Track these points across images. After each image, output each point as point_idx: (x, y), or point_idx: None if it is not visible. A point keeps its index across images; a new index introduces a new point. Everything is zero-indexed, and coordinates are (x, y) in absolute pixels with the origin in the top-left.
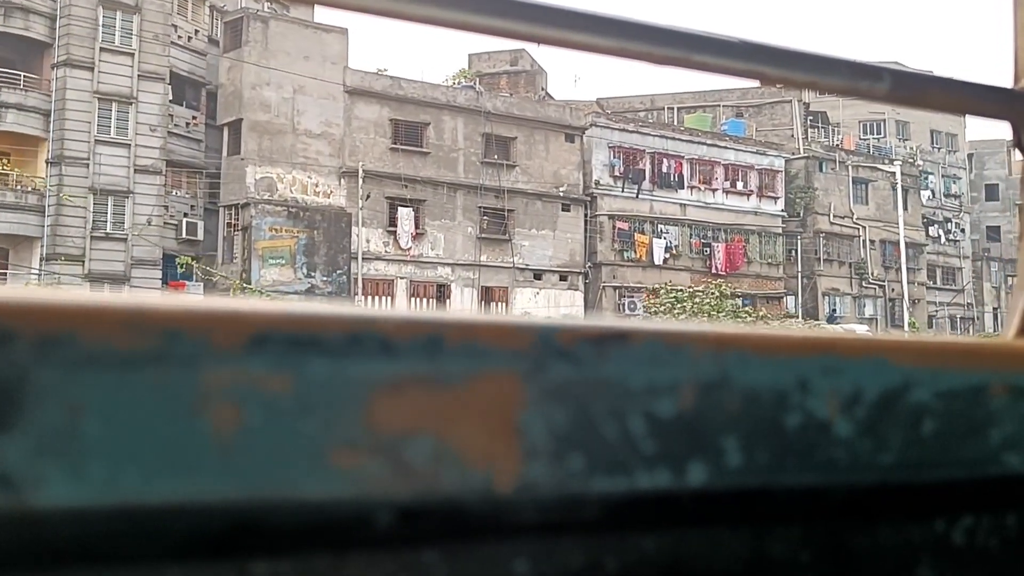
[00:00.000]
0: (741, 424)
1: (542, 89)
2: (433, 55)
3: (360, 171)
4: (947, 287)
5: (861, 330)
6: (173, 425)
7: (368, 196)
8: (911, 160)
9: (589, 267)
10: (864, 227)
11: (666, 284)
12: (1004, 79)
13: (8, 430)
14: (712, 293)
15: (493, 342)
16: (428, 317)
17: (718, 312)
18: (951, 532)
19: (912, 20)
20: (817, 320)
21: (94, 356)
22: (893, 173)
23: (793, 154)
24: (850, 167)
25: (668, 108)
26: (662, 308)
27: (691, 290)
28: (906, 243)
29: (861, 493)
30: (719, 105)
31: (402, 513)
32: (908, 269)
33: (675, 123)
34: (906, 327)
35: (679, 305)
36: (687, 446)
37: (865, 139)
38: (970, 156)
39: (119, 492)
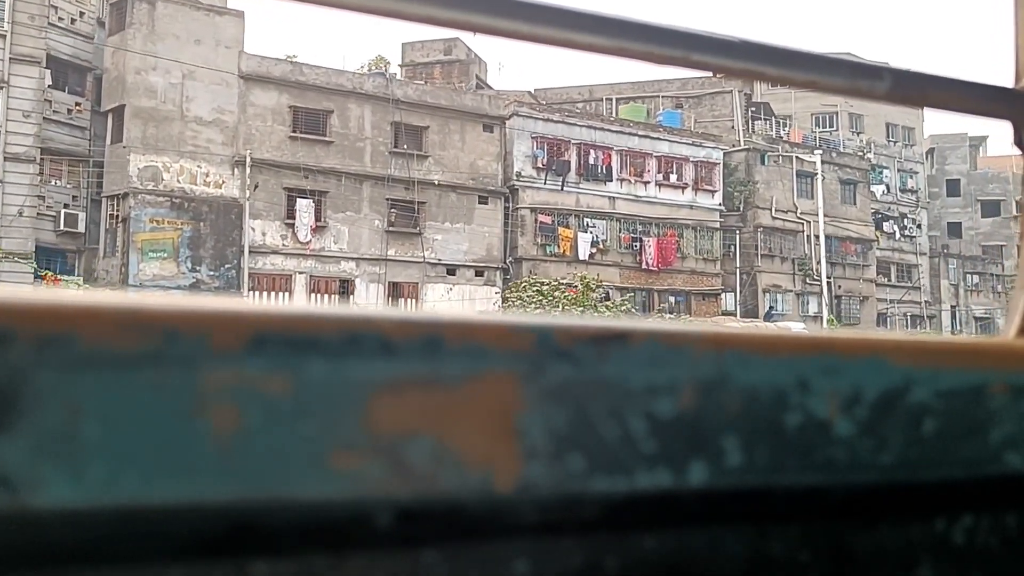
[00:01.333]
0: (741, 424)
1: (476, 77)
2: (367, 45)
3: (248, 159)
4: (903, 284)
5: (798, 327)
6: (172, 426)
7: (256, 186)
8: (860, 153)
9: (510, 262)
10: (809, 222)
11: (579, 279)
12: (1005, 79)
13: (7, 431)
14: (576, 286)
15: (492, 342)
16: (427, 318)
17: (585, 306)
18: (951, 532)
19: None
20: (756, 318)
21: (93, 357)
22: (837, 166)
23: (733, 146)
24: (794, 159)
25: (607, 99)
26: (526, 301)
27: (555, 282)
28: (854, 238)
29: (861, 493)
30: (658, 96)
31: (401, 514)
32: (856, 265)
33: (614, 114)
34: (824, 324)
35: (543, 298)
36: (687, 446)
37: (817, 131)
38: (931, 151)
39: (118, 493)
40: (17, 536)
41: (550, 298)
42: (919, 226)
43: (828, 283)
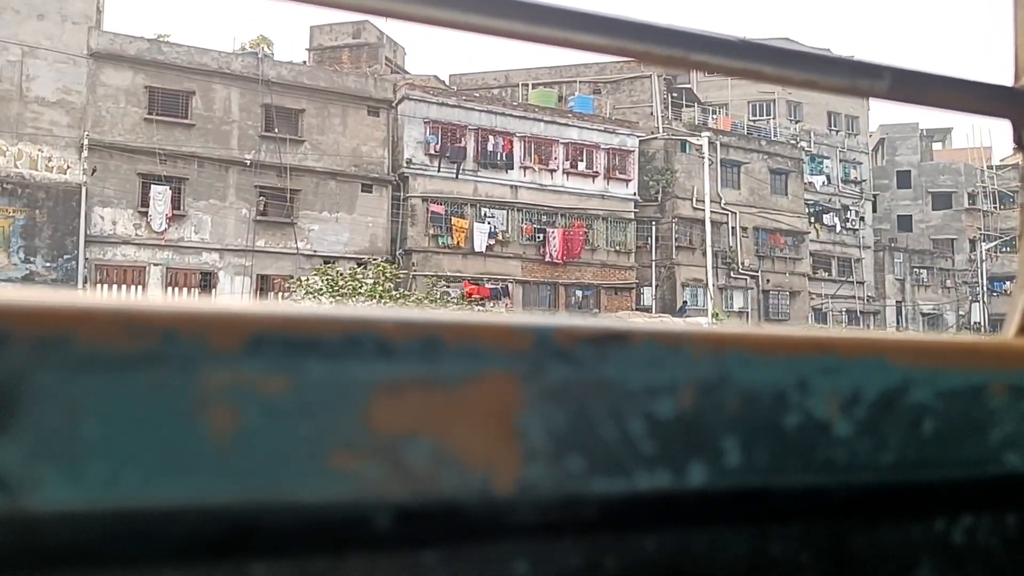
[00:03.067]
0: (741, 424)
1: (390, 62)
2: (278, 30)
3: (85, 141)
4: (845, 280)
5: (704, 322)
6: (171, 427)
7: (95, 170)
8: (792, 142)
9: (400, 254)
10: (734, 213)
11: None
12: (1005, 77)
13: (5, 433)
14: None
15: (492, 343)
16: (426, 318)
17: (380, 296)
18: (951, 531)
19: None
20: (674, 313)
21: (91, 358)
22: (767, 155)
23: (652, 133)
24: (719, 147)
25: (523, 84)
26: (312, 292)
27: (352, 271)
28: (784, 230)
29: (861, 493)
30: (575, 81)
31: (401, 515)
32: (787, 259)
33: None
34: (709, 318)
35: (336, 288)
36: (687, 446)
37: (754, 120)
38: (882, 141)
39: (117, 494)
40: (15, 538)
41: (340, 287)
42: (862, 218)
43: (755, 277)
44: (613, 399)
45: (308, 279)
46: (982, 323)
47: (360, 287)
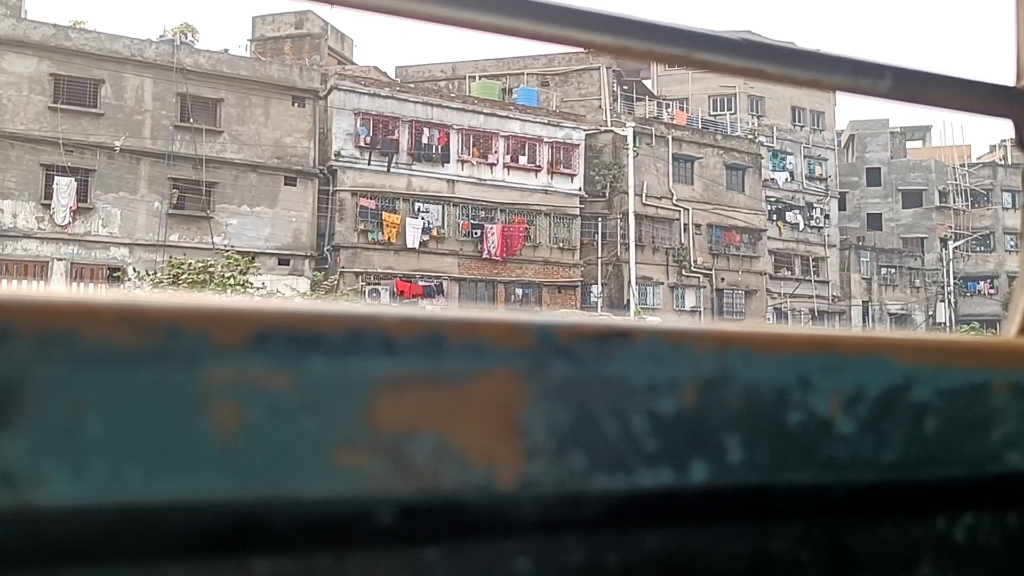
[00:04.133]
0: (743, 422)
1: (334, 53)
2: (223, 22)
3: None
4: (804, 278)
5: (654, 321)
6: (174, 423)
7: None
8: (750, 136)
9: (328, 250)
10: (687, 209)
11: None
12: (1006, 77)
13: (10, 428)
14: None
15: (494, 340)
16: (429, 315)
17: (231, 288)
18: (952, 530)
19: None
20: (623, 312)
21: (95, 354)
22: (723, 150)
23: (600, 126)
24: (670, 141)
25: (469, 76)
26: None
27: (203, 263)
28: (742, 228)
29: (863, 491)
30: (523, 73)
31: (403, 511)
32: (743, 257)
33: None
34: (632, 314)
35: (177, 281)
36: (689, 444)
37: (716, 115)
38: (851, 137)
39: (120, 490)
40: (19, 533)
41: (184, 280)
42: (827, 216)
43: (708, 275)
44: (615, 396)
45: (139, 272)
46: (946, 323)
47: (209, 280)
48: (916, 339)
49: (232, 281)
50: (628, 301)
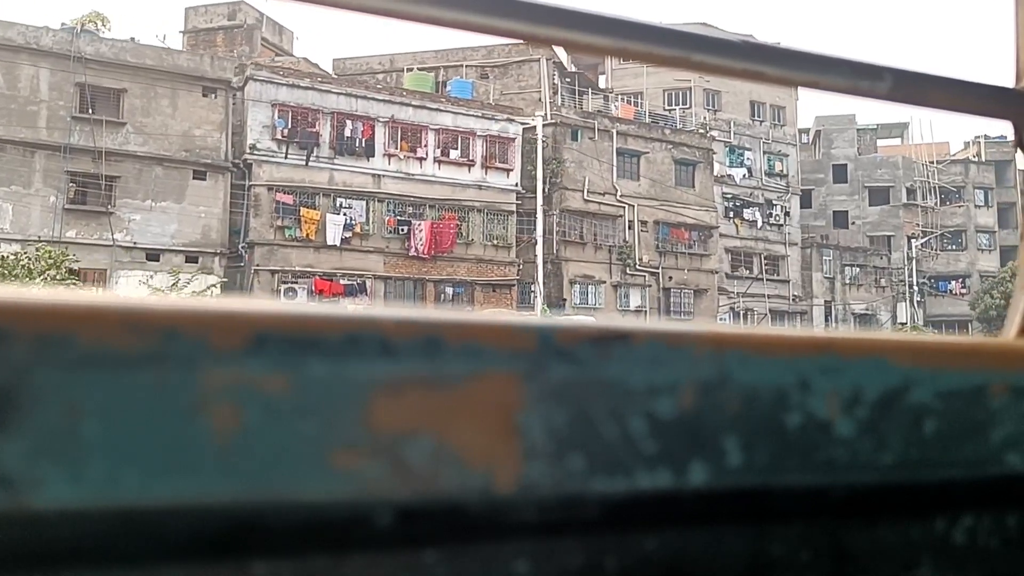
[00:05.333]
0: (741, 424)
1: (269, 44)
2: (155, 14)
3: None
4: (756, 276)
5: (587, 320)
6: (172, 426)
7: None
8: (702, 131)
9: (243, 247)
10: (632, 205)
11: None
12: (1005, 79)
13: (7, 431)
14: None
15: (493, 342)
16: (427, 317)
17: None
18: (952, 531)
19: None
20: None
21: (93, 357)
22: (672, 145)
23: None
24: (615, 136)
25: (407, 68)
26: None
27: (15, 255)
28: (691, 224)
29: (862, 493)
30: (462, 65)
31: (402, 514)
32: (692, 255)
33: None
34: (538, 311)
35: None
36: (687, 446)
37: (670, 109)
38: (818, 133)
39: (118, 493)
40: (17, 536)
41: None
42: (787, 214)
43: (655, 274)
44: (614, 398)
45: None
46: (909, 324)
47: (14, 271)
48: (915, 341)
49: (46, 276)
50: (563, 301)
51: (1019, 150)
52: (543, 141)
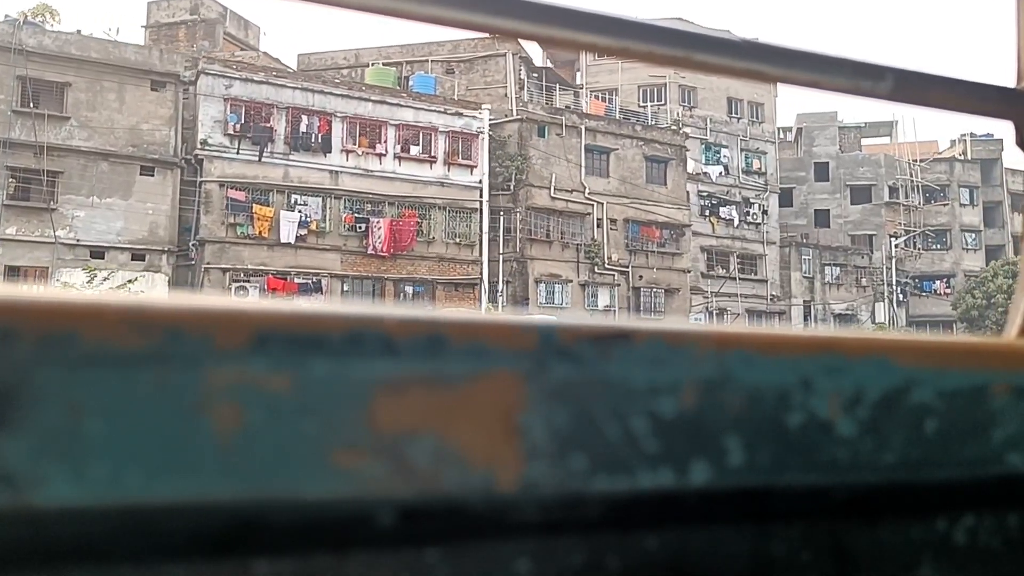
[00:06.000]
0: (743, 423)
1: (231, 39)
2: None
3: None
4: (728, 276)
5: (546, 320)
6: (175, 425)
7: None
8: (674, 127)
9: (194, 244)
10: (601, 203)
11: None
12: (1007, 79)
13: (10, 429)
14: None
15: (495, 342)
16: (430, 317)
17: None
18: (953, 532)
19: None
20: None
21: (96, 355)
22: (643, 142)
23: (506, 116)
24: (583, 132)
25: (372, 63)
26: None
27: None
28: (662, 223)
29: (863, 493)
30: (427, 60)
31: (404, 512)
32: (663, 254)
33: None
34: (484, 307)
35: None
36: (689, 445)
37: (644, 106)
38: (799, 131)
39: (121, 491)
40: (20, 534)
41: None
42: (765, 212)
43: (625, 273)
44: (616, 398)
45: None
46: (888, 324)
47: None
48: (917, 341)
49: None
50: (524, 300)
51: (1021, 149)
52: (508, 137)
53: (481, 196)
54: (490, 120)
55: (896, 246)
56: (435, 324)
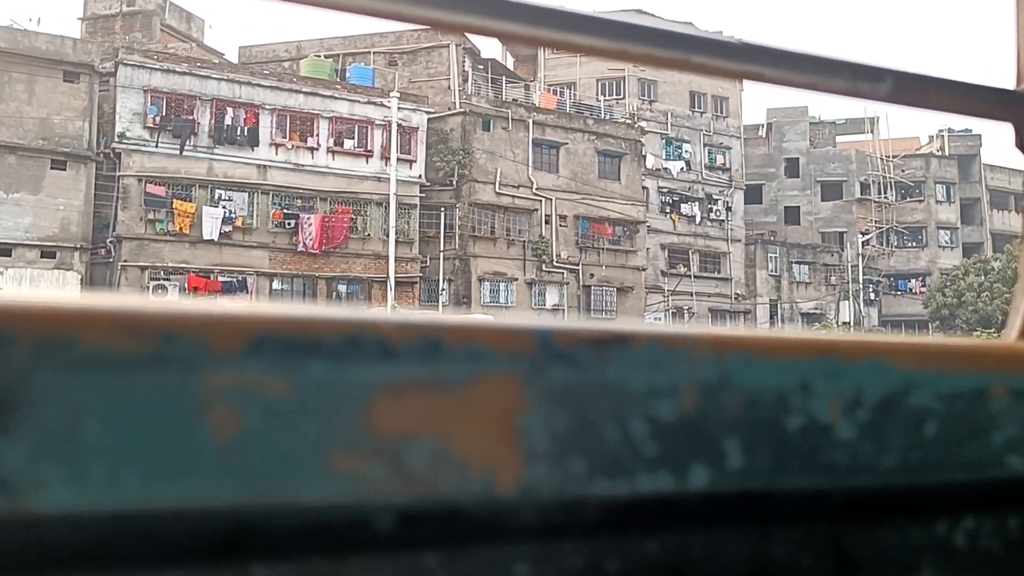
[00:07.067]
0: (742, 427)
1: (170, 32)
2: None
3: None
4: (683, 274)
5: (485, 319)
6: (173, 429)
7: None
8: (629, 121)
9: (111, 241)
10: (549, 199)
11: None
12: (1006, 81)
13: (7, 434)
14: None
15: (493, 345)
16: (428, 320)
17: None
18: (953, 534)
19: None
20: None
21: (93, 360)
22: (595, 136)
23: (449, 109)
24: (531, 126)
25: (315, 55)
26: None
27: None
28: (616, 219)
29: (863, 495)
30: (370, 52)
31: (402, 517)
32: (616, 251)
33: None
34: (390, 306)
35: None
36: (688, 449)
37: (604, 99)
38: (769, 126)
39: (119, 496)
40: (17, 539)
41: None
42: (730, 209)
43: (575, 270)
44: (615, 401)
45: None
46: (852, 324)
47: None
48: (916, 343)
49: None
50: (463, 298)
51: (1021, 151)
52: (451, 131)
53: (391, 190)
54: (433, 113)
55: (864, 243)
56: (433, 328)
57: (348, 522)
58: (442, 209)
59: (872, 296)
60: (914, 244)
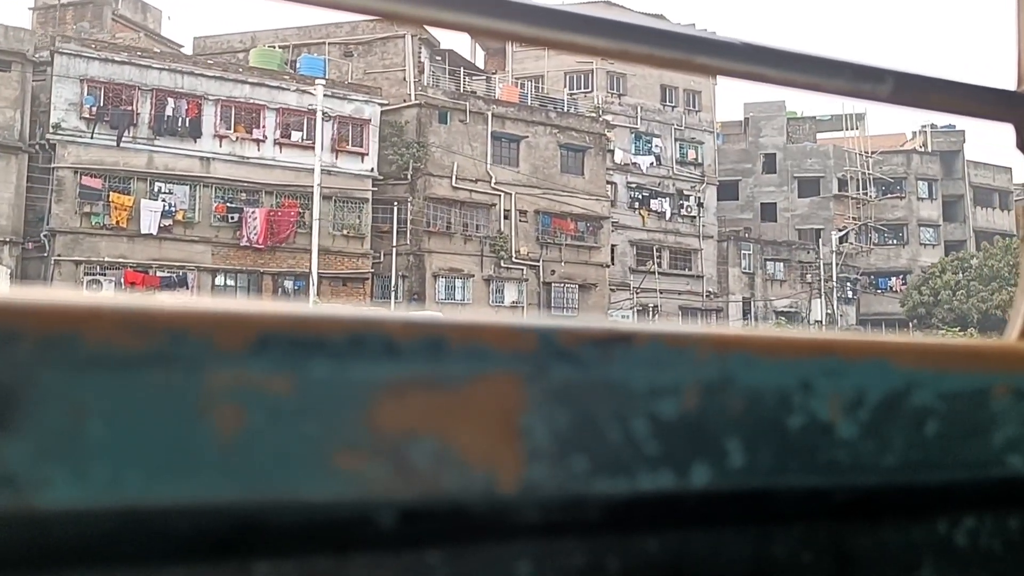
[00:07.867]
0: (744, 426)
1: (124, 23)
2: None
3: None
4: (648, 271)
5: (433, 315)
6: (176, 426)
7: None
8: (594, 114)
9: (45, 235)
10: (509, 193)
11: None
12: (1007, 82)
13: (12, 431)
14: None
15: (495, 344)
16: (431, 319)
17: None
18: (953, 534)
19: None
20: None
21: (98, 357)
22: (558, 129)
23: (404, 101)
24: (490, 118)
25: (269, 46)
26: None
27: None
28: (579, 214)
29: (864, 494)
30: (324, 42)
31: (405, 514)
32: (579, 247)
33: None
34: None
35: None
36: (690, 448)
37: (572, 93)
38: (746, 120)
39: (122, 493)
40: (22, 535)
41: None
42: (702, 204)
43: (535, 267)
44: (617, 400)
45: None
46: (824, 322)
47: None
48: (917, 343)
49: None
50: (417, 295)
51: (1022, 152)
52: (406, 124)
53: (315, 181)
54: (387, 105)
55: (841, 240)
56: (435, 326)
57: (350, 520)
58: (396, 204)
59: (850, 294)
60: (895, 241)
